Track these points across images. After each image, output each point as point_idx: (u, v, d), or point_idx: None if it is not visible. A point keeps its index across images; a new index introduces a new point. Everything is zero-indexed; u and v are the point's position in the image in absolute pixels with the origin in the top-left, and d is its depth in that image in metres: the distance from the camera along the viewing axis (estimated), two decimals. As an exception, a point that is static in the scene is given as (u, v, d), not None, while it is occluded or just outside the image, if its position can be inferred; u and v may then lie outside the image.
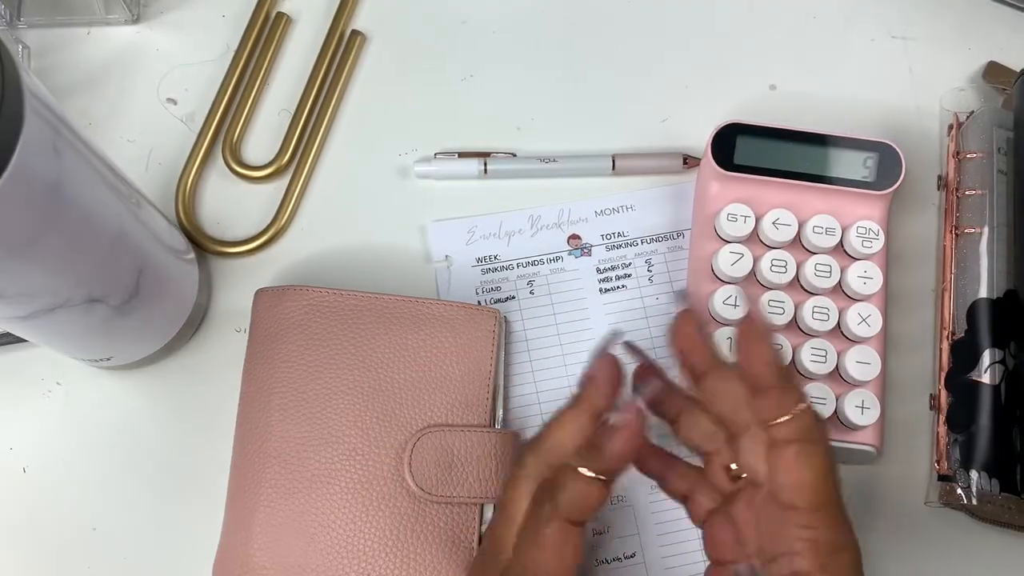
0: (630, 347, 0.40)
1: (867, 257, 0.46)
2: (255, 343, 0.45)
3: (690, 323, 0.38)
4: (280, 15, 0.53)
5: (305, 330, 0.44)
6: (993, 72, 0.52)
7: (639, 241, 0.50)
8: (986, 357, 0.44)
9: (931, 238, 0.50)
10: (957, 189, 0.49)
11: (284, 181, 0.51)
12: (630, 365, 0.39)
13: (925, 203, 0.51)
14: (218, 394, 0.47)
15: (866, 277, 0.46)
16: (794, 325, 0.46)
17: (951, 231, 0.48)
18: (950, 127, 0.50)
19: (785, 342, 0.45)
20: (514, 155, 0.51)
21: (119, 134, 0.51)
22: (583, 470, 0.34)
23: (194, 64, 0.53)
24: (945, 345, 0.46)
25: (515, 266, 0.49)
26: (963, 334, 0.46)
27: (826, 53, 0.54)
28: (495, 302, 0.49)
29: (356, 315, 0.45)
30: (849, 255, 0.47)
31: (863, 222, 0.46)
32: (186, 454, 0.46)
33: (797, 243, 0.47)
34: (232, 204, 0.51)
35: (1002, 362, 0.44)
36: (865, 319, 0.45)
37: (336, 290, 0.45)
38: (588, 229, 0.50)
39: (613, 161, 0.50)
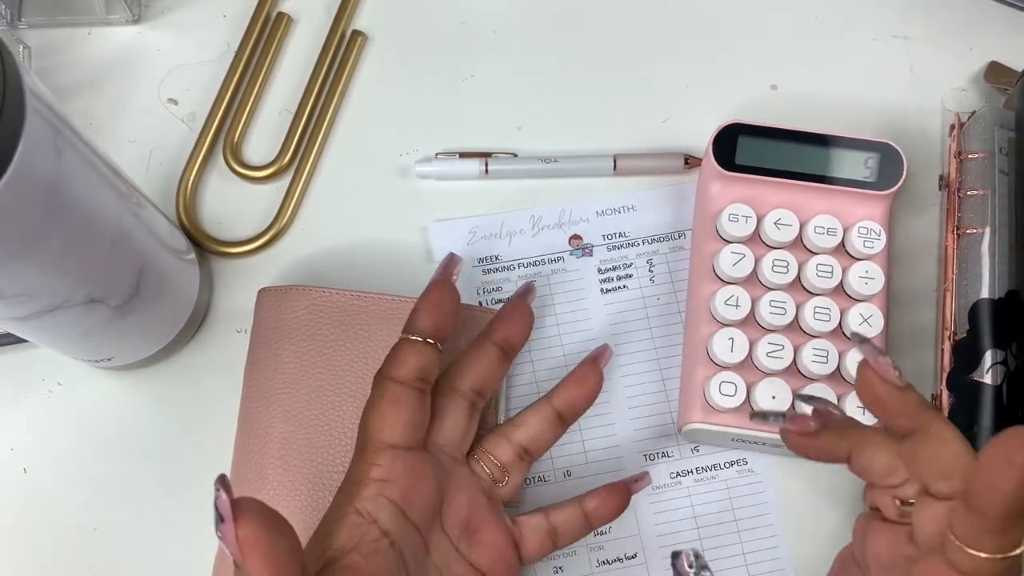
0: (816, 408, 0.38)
1: (868, 257, 0.46)
2: (257, 342, 0.45)
3: (883, 378, 0.34)
4: (281, 15, 0.53)
5: (308, 330, 0.44)
6: (994, 72, 0.52)
7: (640, 241, 0.50)
8: (988, 358, 0.44)
9: (933, 238, 0.50)
10: (959, 189, 0.48)
11: (285, 181, 0.51)
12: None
13: (927, 203, 0.51)
14: (219, 394, 0.47)
15: (867, 277, 0.46)
16: (795, 325, 0.46)
17: (953, 231, 0.48)
18: (951, 127, 0.50)
19: (786, 342, 0.45)
20: (515, 155, 0.51)
21: (120, 134, 0.51)
22: (410, 336, 0.39)
23: (195, 64, 0.53)
24: (947, 345, 0.46)
25: (516, 266, 0.49)
26: (965, 334, 0.46)
27: (827, 53, 0.54)
28: (496, 302, 0.49)
29: (359, 315, 0.45)
30: (850, 255, 0.47)
31: (864, 222, 0.46)
32: (187, 454, 0.46)
33: (798, 243, 0.47)
34: (233, 204, 0.51)
35: (1004, 363, 0.44)
36: (866, 319, 0.45)
37: (339, 290, 0.45)
38: (589, 229, 0.50)
39: (614, 161, 0.50)
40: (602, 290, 0.49)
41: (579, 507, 0.41)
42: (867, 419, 0.44)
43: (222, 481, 0.29)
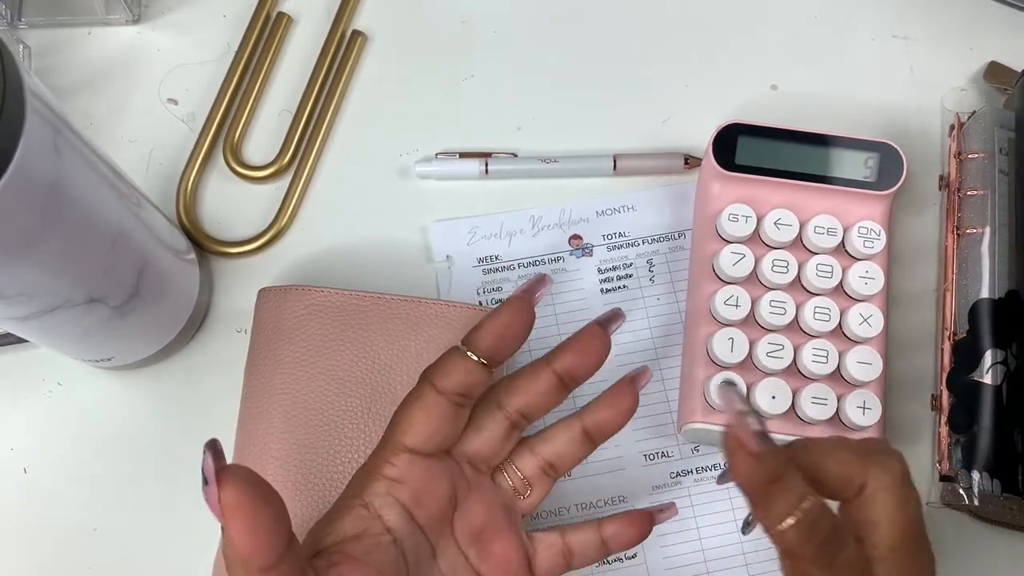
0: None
1: (868, 257, 0.46)
2: (257, 343, 0.45)
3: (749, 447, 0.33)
4: (281, 15, 0.53)
5: (308, 330, 0.44)
6: (994, 72, 0.52)
7: (640, 241, 0.50)
8: (988, 358, 0.44)
9: (933, 238, 0.50)
10: (959, 189, 0.48)
11: (285, 181, 0.51)
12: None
13: (927, 203, 0.51)
14: (219, 394, 0.47)
15: (867, 277, 0.46)
16: (795, 325, 0.46)
17: (953, 231, 0.48)
18: (951, 127, 0.50)
19: (786, 342, 0.45)
20: (515, 155, 0.51)
21: (120, 134, 0.51)
22: (465, 350, 0.36)
23: (195, 64, 0.53)
24: (947, 345, 0.46)
25: (516, 266, 0.49)
26: (965, 334, 0.46)
27: (827, 53, 0.54)
28: (496, 302, 0.49)
29: (360, 315, 0.45)
30: (850, 255, 0.47)
31: (864, 222, 0.46)
32: (187, 454, 0.46)
33: (798, 243, 0.47)
34: (233, 204, 0.51)
35: (1003, 363, 0.44)
36: (866, 319, 0.45)
37: (339, 290, 0.45)
38: (589, 229, 0.50)
39: (614, 161, 0.50)
40: (602, 290, 0.49)
41: (597, 531, 0.39)
42: (867, 419, 0.44)
43: (212, 446, 0.29)
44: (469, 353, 0.36)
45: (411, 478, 0.36)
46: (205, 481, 0.29)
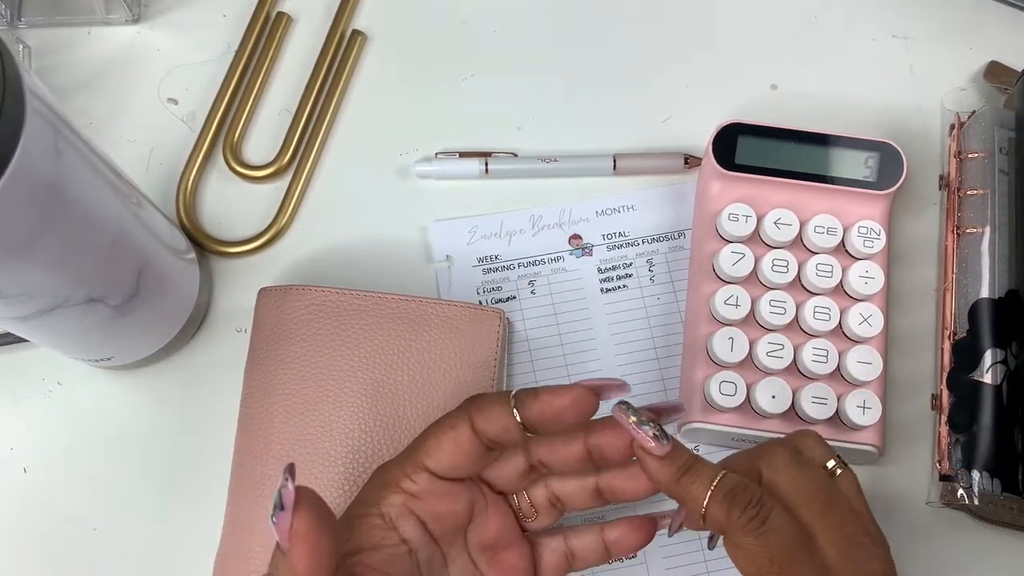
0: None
1: (868, 257, 0.46)
2: (257, 342, 0.45)
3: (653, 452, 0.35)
4: (281, 15, 0.53)
5: (308, 330, 0.44)
6: (994, 72, 0.52)
7: (640, 241, 0.50)
8: (988, 357, 0.44)
9: (933, 238, 0.50)
10: (959, 189, 0.49)
11: (285, 181, 0.51)
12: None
13: (927, 203, 0.51)
14: (219, 394, 0.47)
15: (867, 277, 0.46)
16: (795, 325, 0.46)
17: (953, 231, 0.48)
18: (952, 127, 0.50)
19: (786, 342, 0.45)
20: (515, 155, 0.51)
21: (120, 134, 0.51)
22: (514, 405, 0.35)
23: (195, 64, 0.53)
24: (947, 345, 0.46)
25: (516, 266, 0.49)
26: (965, 334, 0.46)
27: (827, 53, 0.54)
28: (496, 302, 0.49)
29: (360, 315, 0.45)
30: (850, 255, 0.47)
31: (864, 222, 0.46)
32: (187, 454, 0.46)
33: (798, 243, 0.47)
34: (233, 204, 0.51)
35: (1003, 362, 0.44)
36: (866, 319, 0.45)
37: (339, 289, 0.45)
38: (589, 229, 0.50)
39: (614, 161, 0.50)
40: (602, 290, 0.49)
41: (600, 535, 0.39)
42: (867, 419, 0.44)
43: (291, 471, 0.30)
44: (515, 411, 0.35)
45: (429, 495, 0.36)
46: (280, 507, 0.29)
